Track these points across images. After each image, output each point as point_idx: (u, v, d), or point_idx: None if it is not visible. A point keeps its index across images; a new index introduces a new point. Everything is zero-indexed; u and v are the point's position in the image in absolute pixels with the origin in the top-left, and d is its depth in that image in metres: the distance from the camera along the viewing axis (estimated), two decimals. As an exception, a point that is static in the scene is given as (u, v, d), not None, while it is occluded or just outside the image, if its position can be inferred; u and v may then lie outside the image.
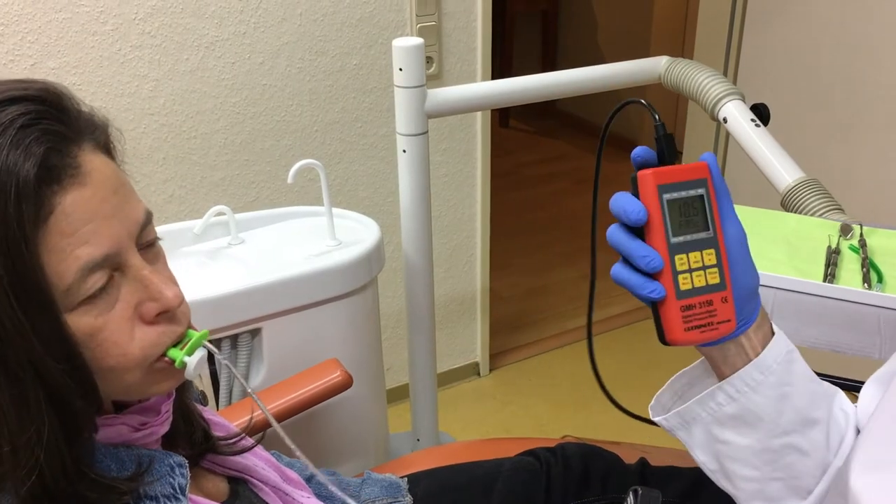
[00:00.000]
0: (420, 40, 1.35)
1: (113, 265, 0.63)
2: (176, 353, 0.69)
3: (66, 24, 1.67)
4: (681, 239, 0.67)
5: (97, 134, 0.66)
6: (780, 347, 0.73)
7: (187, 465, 0.73)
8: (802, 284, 1.06)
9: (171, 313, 0.68)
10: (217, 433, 0.85)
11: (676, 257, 0.67)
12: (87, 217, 0.61)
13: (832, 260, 1.12)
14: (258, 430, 1.20)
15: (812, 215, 1.25)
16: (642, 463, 1.16)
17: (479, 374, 2.54)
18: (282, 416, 1.19)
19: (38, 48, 1.66)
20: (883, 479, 0.65)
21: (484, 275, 2.40)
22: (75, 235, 0.60)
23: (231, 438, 0.85)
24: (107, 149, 0.68)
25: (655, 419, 0.78)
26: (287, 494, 0.89)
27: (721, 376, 0.74)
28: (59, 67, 1.70)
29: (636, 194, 0.67)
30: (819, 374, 1.01)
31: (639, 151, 0.69)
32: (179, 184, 1.90)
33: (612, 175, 4.38)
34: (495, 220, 2.38)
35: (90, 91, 1.74)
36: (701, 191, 0.67)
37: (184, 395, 0.81)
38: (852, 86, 2.13)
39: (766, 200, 1.35)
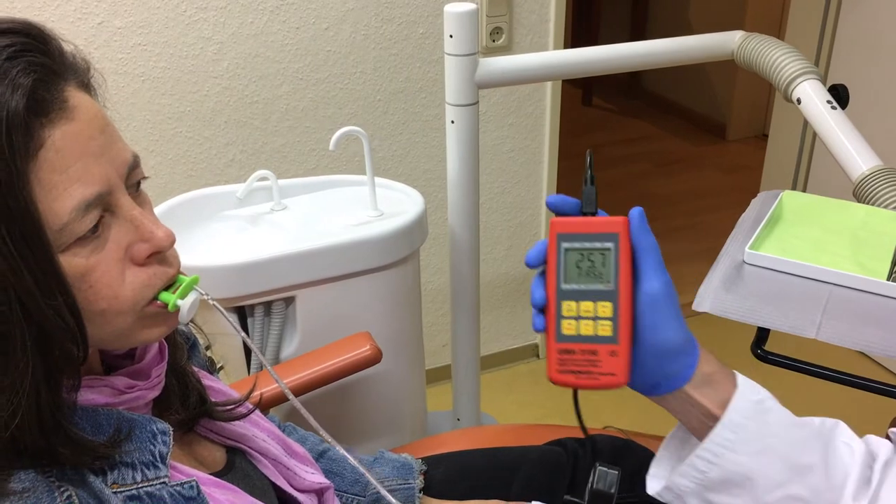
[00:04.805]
0: (473, 6, 1.29)
1: (104, 205, 0.63)
2: (168, 297, 0.68)
3: (133, -17, 1.68)
4: (573, 287, 0.68)
5: (80, 73, 0.65)
6: (746, 400, 0.69)
7: (171, 432, 0.71)
8: (862, 282, 0.97)
9: (162, 255, 0.68)
10: (215, 399, 0.83)
11: (564, 303, 0.68)
12: (76, 153, 0.60)
13: (901, 257, 1.02)
14: (280, 402, 1.18)
15: (886, 207, 1.15)
16: (678, 462, 1.09)
17: (538, 355, 2.48)
18: (306, 388, 1.17)
19: (105, 7, 1.68)
20: None
21: (548, 255, 2.33)
22: (67, 172, 0.59)
23: (229, 405, 0.83)
24: (90, 90, 0.66)
25: (650, 493, 0.75)
26: (288, 469, 0.87)
27: (695, 434, 0.72)
28: (126, 27, 1.71)
29: None
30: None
31: (551, 199, 0.71)
32: (240, 148, 1.90)
33: (696, 158, 4.24)
34: (567, 201, 2.31)
35: (155, 52, 1.75)
36: (608, 244, 0.68)
37: (179, 357, 0.79)
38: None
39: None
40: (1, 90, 0.56)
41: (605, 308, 0.68)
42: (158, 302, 0.68)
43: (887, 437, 0.75)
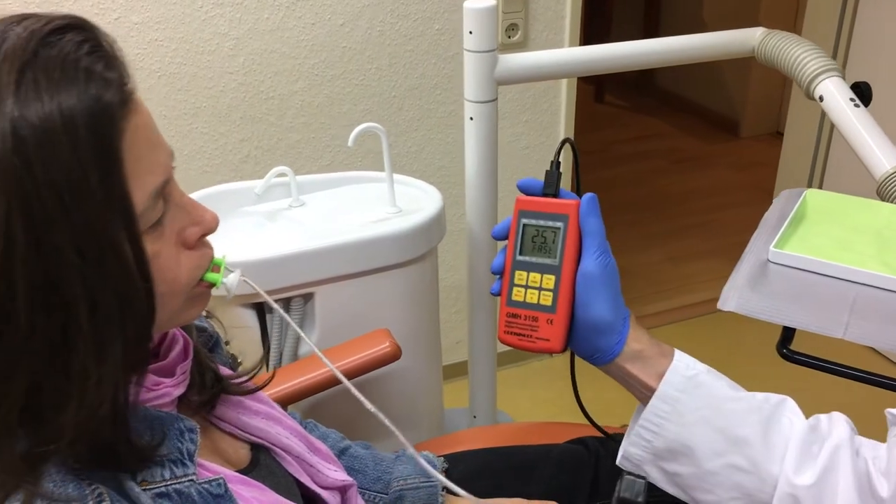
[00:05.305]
0: (493, 2, 1.29)
1: (163, 193, 0.65)
2: (214, 277, 0.72)
3: (149, -22, 1.68)
4: (526, 258, 0.77)
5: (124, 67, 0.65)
6: (679, 375, 0.75)
7: (198, 430, 0.71)
8: (889, 281, 0.96)
9: (205, 238, 0.71)
10: None
11: (516, 272, 0.78)
12: (147, 144, 0.62)
13: (927, 256, 1.01)
14: (309, 395, 1.18)
15: (910, 206, 1.14)
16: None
17: (552, 353, 2.48)
18: (325, 385, 1.17)
19: (122, 2, 1.68)
20: None
21: (562, 252, 2.32)
22: (141, 162, 0.61)
23: (240, 377, 0.85)
24: None
25: (617, 463, 0.80)
26: (312, 466, 0.87)
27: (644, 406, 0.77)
28: (142, 22, 1.71)
29: None
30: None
31: (522, 181, 0.80)
32: (256, 144, 1.90)
33: (709, 155, 4.21)
34: (580, 197, 2.30)
35: (171, 48, 1.75)
36: (559, 224, 0.76)
37: (190, 335, 0.79)
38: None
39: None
40: (96, 85, 0.58)
41: (549, 280, 0.76)
42: (204, 282, 0.71)
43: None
